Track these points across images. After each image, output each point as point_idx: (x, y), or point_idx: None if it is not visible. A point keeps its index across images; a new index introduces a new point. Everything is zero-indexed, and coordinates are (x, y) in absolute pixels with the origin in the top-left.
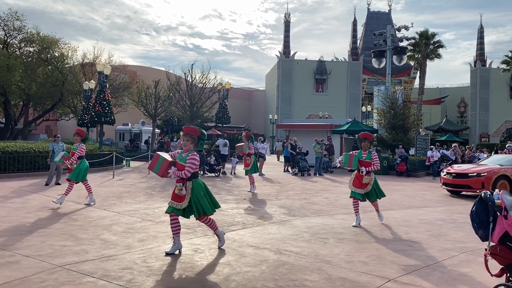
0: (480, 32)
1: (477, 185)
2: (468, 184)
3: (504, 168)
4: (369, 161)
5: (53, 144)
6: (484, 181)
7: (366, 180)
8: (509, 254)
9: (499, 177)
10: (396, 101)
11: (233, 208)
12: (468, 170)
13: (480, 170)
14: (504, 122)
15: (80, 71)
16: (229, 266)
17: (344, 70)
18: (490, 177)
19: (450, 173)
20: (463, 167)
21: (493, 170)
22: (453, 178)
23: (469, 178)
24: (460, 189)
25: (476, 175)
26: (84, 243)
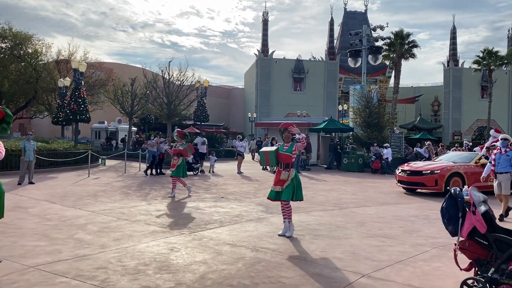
0: (452, 32)
1: (430, 182)
2: (422, 181)
3: (457, 165)
4: (289, 155)
5: (25, 142)
6: (438, 178)
7: (284, 176)
8: (477, 248)
9: (452, 174)
10: (371, 100)
11: (211, 206)
12: (422, 168)
13: (433, 168)
14: (475, 121)
15: (54, 68)
16: (205, 264)
17: (321, 69)
18: (443, 174)
19: (404, 170)
20: (417, 165)
21: (446, 168)
22: (407, 176)
23: (423, 176)
24: (414, 186)
25: (429, 173)
26: (57, 243)
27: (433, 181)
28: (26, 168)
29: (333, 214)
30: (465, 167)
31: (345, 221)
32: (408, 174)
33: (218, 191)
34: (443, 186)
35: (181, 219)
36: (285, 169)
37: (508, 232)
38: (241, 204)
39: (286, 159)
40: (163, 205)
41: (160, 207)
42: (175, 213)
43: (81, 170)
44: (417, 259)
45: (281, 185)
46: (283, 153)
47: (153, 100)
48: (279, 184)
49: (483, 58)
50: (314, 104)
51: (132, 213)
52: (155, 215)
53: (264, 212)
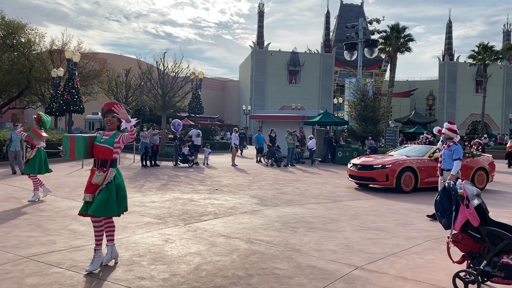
0: (448, 26)
1: (381, 177)
2: (373, 176)
3: (410, 159)
4: (108, 148)
5: (12, 132)
6: (389, 173)
7: (98, 179)
8: (470, 241)
9: (404, 169)
10: (367, 93)
11: (205, 198)
12: (373, 162)
13: (385, 162)
14: (469, 115)
15: (48, 58)
16: (199, 256)
17: (317, 62)
18: (394, 169)
19: (355, 164)
20: (369, 158)
21: (398, 162)
22: (358, 170)
23: (373, 170)
24: (365, 181)
25: (380, 167)
26: (51, 233)
27: (384, 176)
28: (14, 158)
29: (327, 207)
30: (418, 161)
31: (339, 214)
32: (359, 169)
33: (212, 183)
34: (394, 181)
35: (175, 210)
36: (100, 168)
37: (500, 226)
38: (236, 196)
39: (104, 153)
40: (158, 196)
41: (154, 198)
42: (169, 205)
43: (74, 162)
44: (410, 252)
45: (91, 192)
46: (100, 145)
47: (148, 91)
48: (89, 191)
49: (478, 53)
50: (309, 97)
51: None
52: (149, 206)
53: (259, 204)
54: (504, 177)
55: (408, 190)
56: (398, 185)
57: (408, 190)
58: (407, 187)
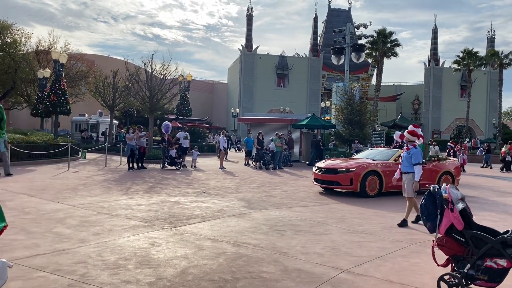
0: (434, 32)
1: (345, 181)
2: (337, 180)
3: (375, 163)
4: None
5: None
6: (353, 177)
7: None
8: (455, 245)
9: (369, 172)
10: (354, 97)
11: (193, 201)
12: (338, 165)
13: (349, 165)
14: (454, 120)
15: (34, 58)
16: (186, 259)
17: (305, 66)
18: (358, 173)
19: (320, 168)
20: (334, 162)
21: (363, 165)
22: (322, 174)
23: (338, 174)
24: (330, 185)
25: (345, 171)
26: (36, 236)
27: (348, 180)
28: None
29: (314, 210)
30: (383, 165)
31: (326, 216)
32: (323, 172)
33: (200, 186)
34: (358, 185)
35: (162, 213)
36: None
37: (484, 229)
38: (223, 199)
39: None
40: (145, 199)
41: (141, 201)
42: (156, 208)
43: (60, 163)
44: (396, 255)
45: None
46: None
47: (135, 93)
48: None
49: (463, 59)
50: (297, 101)
51: (112, 207)
52: (136, 209)
53: (246, 207)
54: (489, 181)
55: (372, 194)
56: (363, 189)
57: (372, 194)
58: (372, 191)
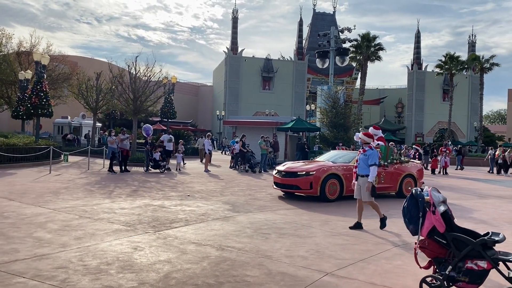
0: (417, 36)
1: (305, 185)
2: (297, 184)
3: (335, 166)
4: None
5: None
6: (313, 180)
7: None
8: (436, 247)
9: (329, 176)
10: (338, 100)
11: (177, 204)
12: (298, 168)
13: (309, 168)
14: (437, 123)
15: (15, 60)
16: (169, 264)
17: (290, 69)
18: (318, 176)
19: (280, 171)
20: (294, 165)
21: (323, 168)
22: (282, 177)
23: (297, 178)
24: (289, 189)
25: (304, 174)
26: (15, 241)
27: (308, 184)
28: None
29: (298, 213)
30: (344, 168)
31: (310, 219)
32: (283, 176)
33: (184, 189)
34: (318, 189)
35: (145, 217)
36: None
37: (465, 232)
38: (208, 203)
39: None
40: (128, 203)
41: (124, 205)
42: (139, 212)
43: (42, 166)
44: (379, 257)
45: None
46: None
47: (119, 95)
48: None
49: (445, 63)
50: (282, 104)
51: (95, 211)
52: (119, 213)
53: (231, 210)
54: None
55: (333, 198)
56: (323, 193)
57: (333, 198)
58: (332, 195)
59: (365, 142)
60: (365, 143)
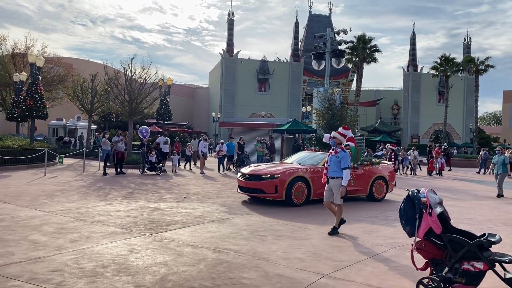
0: (412, 38)
1: (270, 189)
2: (261, 187)
3: (302, 168)
4: None
5: None
6: (278, 184)
7: None
8: (433, 249)
9: (295, 178)
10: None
11: (173, 207)
12: (262, 171)
13: (274, 171)
14: (432, 124)
15: (10, 61)
16: (166, 266)
17: (286, 70)
18: (284, 179)
19: (244, 174)
20: (259, 167)
21: (288, 171)
22: (246, 181)
23: (262, 181)
24: (254, 194)
25: (269, 177)
26: (10, 244)
27: (273, 187)
28: None
29: (295, 215)
30: (312, 170)
31: (306, 221)
32: (247, 179)
33: (180, 191)
34: (283, 193)
35: (141, 220)
36: None
37: (461, 233)
38: (204, 205)
39: None
40: (123, 205)
41: (120, 207)
42: (135, 214)
43: (37, 169)
44: (376, 259)
45: None
46: None
47: (114, 97)
48: None
49: (441, 64)
50: (278, 105)
51: (90, 214)
52: (114, 215)
53: (227, 213)
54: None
55: (299, 203)
56: (289, 198)
57: (299, 203)
58: (298, 200)
59: (339, 143)
60: (338, 144)
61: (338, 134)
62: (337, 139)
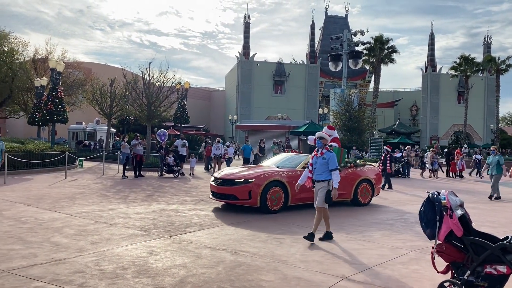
0: (431, 38)
1: (243, 194)
2: (234, 193)
3: (279, 171)
4: None
5: None
6: (252, 189)
7: None
8: (454, 252)
9: (271, 183)
10: (352, 104)
11: (191, 209)
12: (235, 175)
13: (248, 175)
14: (452, 125)
15: (31, 67)
16: (185, 268)
17: (302, 72)
18: (258, 184)
19: (216, 178)
20: (232, 171)
21: (264, 175)
22: (218, 186)
23: (235, 186)
24: (226, 200)
25: (243, 182)
26: (33, 246)
27: (246, 193)
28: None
29: (313, 217)
30: (289, 173)
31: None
32: (219, 184)
33: (198, 193)
34: (258, 199)
35: (160, 222)
36: None
37: (483, 236)
38: (221, 207)
39: None
40: (142, 207)
41: (139, 210)
42: (154, 216)
43: (58, 172)
44: (395, 262)
45: None
46: None
47: (133, 101)
48: None
49: (460, 65)
50: (295, 107)
51: (110, 216)
52: (134, 218)
53: (244, 215)
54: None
55: (275, 209)
56: (264, 204)
57: (275, 209)
58: (275, 206)
59: (325, 144)
60: (324, 145)
61: (325, 134)
62: (324, 139)
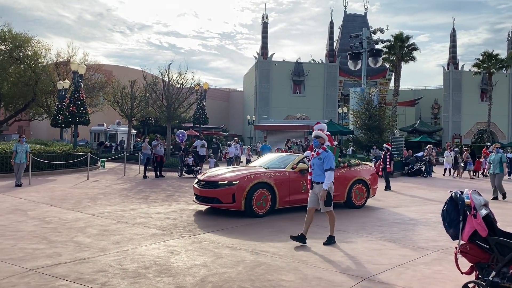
0: (452, 35)
1: (226, 198)
2: (217, 196)
3: (266, 172)
4: None
5: (17, 144)
6: (236, 191)
7: None
8: (478, 252)
9: (257, 185)
10: (372, 102)
11: (210, 209)
12: (218, 177)
13: (232, 177)
14: (475, 124)
15: (54, 70)
16: (205, 268)
17: (321, 71)
18: (243, 186)
19: (199, 180)
20: (216, 172)
21: (248, 176)
22: (201, 188)
23: (218, 188)
24: (209, 203)
25: (226, 184)
26: (57, 245)
27: (230, 196)
28: (18, 169)
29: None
30: (277, 174)
31: (346, 224)
32: (202, 186)
33: None
34: (242, 202)
35: (181, 222)
36: None
37: (509, 236)
38: None
39: None
40: (163, 207)
41: (160, 209)
42: (175, 216)
43: (80, 173)
44: (417, 263)
45: None
46: None
47: (153, 102)
48: None
49: (483, 61)
50: (314, 107)
51: (132, 216)
52: (155, 218)
53: (265, 214)
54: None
55: (262, 213)
56: (249, 207)
57: (262, 213)
58: (261, 209)
59: (322, 143)
60: (321, 144)
61: (322, 133)
62: (322, 138)
